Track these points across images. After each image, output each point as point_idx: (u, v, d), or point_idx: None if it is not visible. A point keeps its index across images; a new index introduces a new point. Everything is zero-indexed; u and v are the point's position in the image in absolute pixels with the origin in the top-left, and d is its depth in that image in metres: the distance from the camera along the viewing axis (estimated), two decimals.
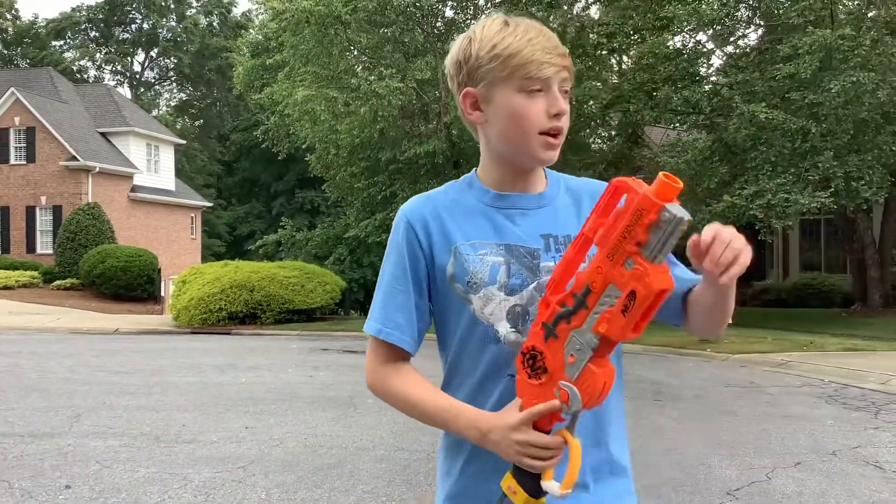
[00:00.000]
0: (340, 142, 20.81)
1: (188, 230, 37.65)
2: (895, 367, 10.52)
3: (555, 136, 1.43)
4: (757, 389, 9.32)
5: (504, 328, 1.44)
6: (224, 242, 48.60)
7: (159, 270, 27.74)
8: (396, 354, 1.50)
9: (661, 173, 1.19)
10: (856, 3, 17.15)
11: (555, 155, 1.45)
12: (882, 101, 14.88)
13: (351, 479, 5.37)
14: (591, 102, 18.56)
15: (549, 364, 1.29)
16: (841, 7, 17.07)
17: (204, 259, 37.54)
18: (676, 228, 1.18)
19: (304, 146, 23.48)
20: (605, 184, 1.48)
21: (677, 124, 19.32)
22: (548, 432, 1.31)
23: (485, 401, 1.44)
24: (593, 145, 22.67)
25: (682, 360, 12.38)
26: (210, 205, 41.98)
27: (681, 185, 1.19)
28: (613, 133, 21.53)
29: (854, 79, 14.35)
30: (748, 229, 20.12)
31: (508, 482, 1.34)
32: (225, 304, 18.39)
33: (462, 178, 1.55)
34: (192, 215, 38.06)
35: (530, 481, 1.32)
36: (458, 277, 1.45)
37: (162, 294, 27.78)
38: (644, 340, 13.98)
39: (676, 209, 1.18)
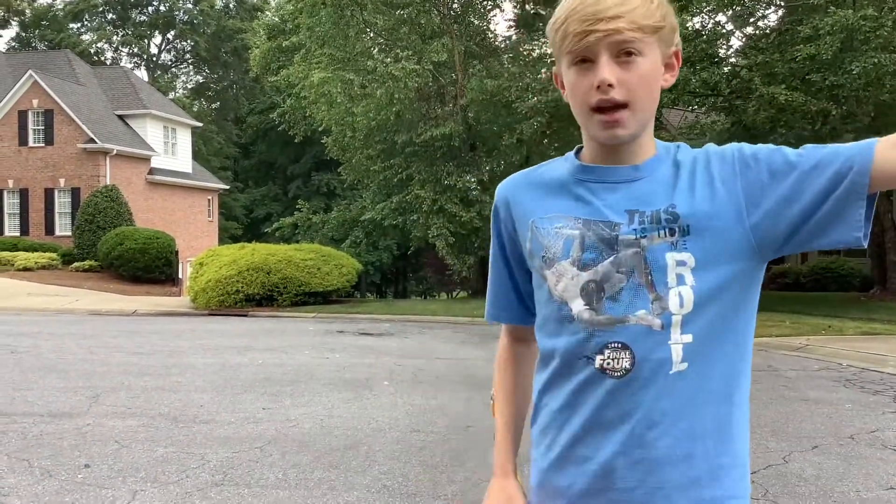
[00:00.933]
0: (356, 124, 20.81)
1: (205, 213, 37.79)
2: None
3: (606, 110, 1.30)
4: (775, 373, 9.28)
5: (578, 306, 1.35)
6: (241, 225, 48.79)
7: (177, 252, 27.89)
8: (516, 332, 1.57)
9: None
10: None
11: (620, 132, 1.31)
12: None
13: (367, 459, 5.39)
14: None
15: None
16: None
17: (221, 241, 37.72)
18: None
19: (320, 129, 23.50)
20: (710, 145, 1.42)
21: (696, 106, 19.16)
22: None
23: (562, 387, 1.38)
24: None
25: None
26: (227, 187, 42.10)
27: None
28: None
29: (875, 60, 14.17)
30: None
31: None
32: (242, 287, 18.48)
33: (565, 154, 1.47)
34: (209, 198, 38.19)
35: None
36: (535, 252, 1.41)
37: (180, 276, 27.96)
38: None
39: None
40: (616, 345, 1.31)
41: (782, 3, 18.27)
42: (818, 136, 15.30)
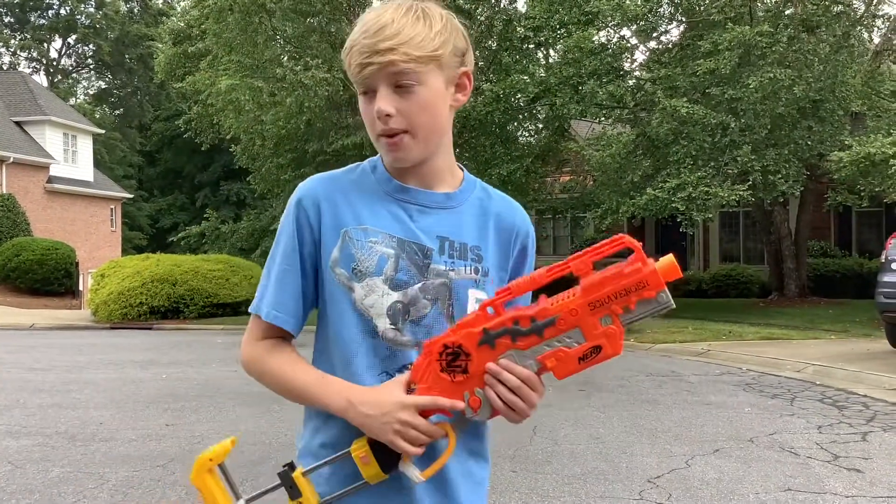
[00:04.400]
0: (266, 133, 20.49)
1: (108, 222, 36.63)
2: (810, 355, 10.88)
3: (390, 136, 1.37)
4: (678, 378, 9.52)
5: (383, 323, 1.38)
6: (146, 235, 47.46)
7: (77, 264, 26.95)
8: (278, 336, 1.45)
9: (670, 255, 1.26)
10: (773, 0, 17.62)
11: (402, 155, 1.38)
12: (798, 97, 15.34)
13: (275, 475, 5.27)
14: (519, 96, 18.66)
15: (472, 368, 1.28)
16: (759, 4, 17.52)
17: (125, 252, 36.60)
18: (661, 311, 1.24)
19: (228, 137, 23.05)
20: (517, 207, 1.53)
21: (602, 118, 19.59)
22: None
23: None
24: (521, 138, 22.82)
25: None
26: (131, 196, 40.92)
27: (681, 274, 1.26)
28: (540, 126, 21.70)
29: (771, 75, 14.75)
30: (670, 221, 20.59)
31: (362, 450, 1.32)
32: (146, 299, 17.98)
33: (368, 160, 1.49)
34: (112, 207, 37.04)
35: (387, 457, 1.31)
36: (342, 262, 1.39)
37: (80, 288, 26.99)
38: None
39: (669, 295, 1.24)
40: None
41: (683, 19, 18.86)
42: (718, 147, 15.83)
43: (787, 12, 16.94)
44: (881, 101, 17.35)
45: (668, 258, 1.25)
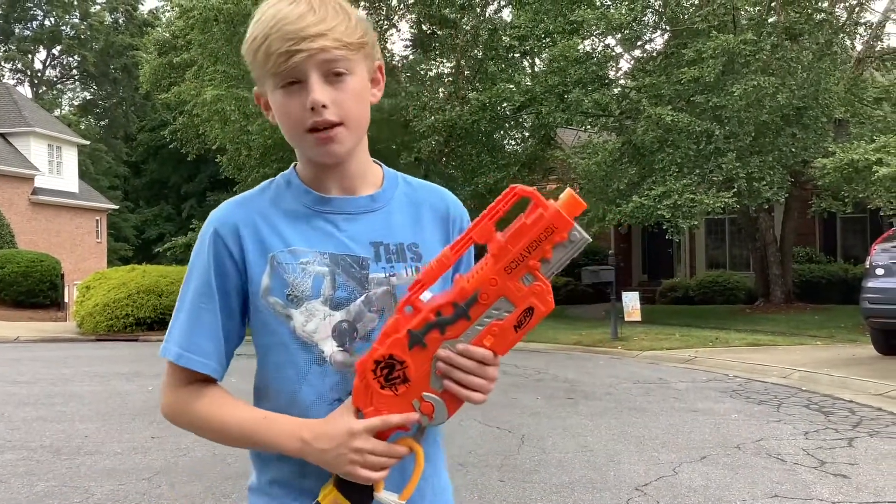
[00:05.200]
0: (252, 143, 20.46)
1: (93, 234, 36.45)
2: (796, 361, 10.93)
3: (321, 130, 1.25)
4: (665, 385, 9.54)
5: (330, 347, 1.28)
6: (132, 246, 47.20)
7: (63, 276, 26.77)
8: (201, 379, 1.33)
9: (568, 190, 1.16)
10: (757, 9, 17.75)
11: (337, 149, 1.27)
12: (782, 105, 15.46)
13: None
14: (505, 104, 18.72)
15: (411, 374, 1.19)
16: (743, 13, 17.66)
17: (110, 263, 36.41)
18: (580, 249, 1.16)
19: (214, 147, 22.99)
20: (445, 192, 1.44)
21: (588, 126, 19.68)
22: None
23: None
24: (507, 147, 22.88)
25: (594, 357, 12.58)
26: (116, 207, 40.76)
27: (586, 204, 1.16)
28: (527, 135, 21.77)
29: (755, 82, 14.86)
30: (657, 228, 20.66)
31: (331, 497, 1.22)
32: (132, 310, 17.87)
33: (280, 174, 1.38)
34: (98, 218, 36.87)
35: (358, 494, 1.22)
36: (275, 290, 1.28)
37: (66, 300, 26.81)
38: (557, 338, 14.16)
39: (582, 230, 1.15)
40: None
41: (667, 28, 18.98)
42: (703, 154, 15.91)
43: (770, 20, 17.08)
44: (864, 107, 17.50)
45: (567, 192, 1.15)
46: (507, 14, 21.05)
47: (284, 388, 1.30)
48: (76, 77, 57.37)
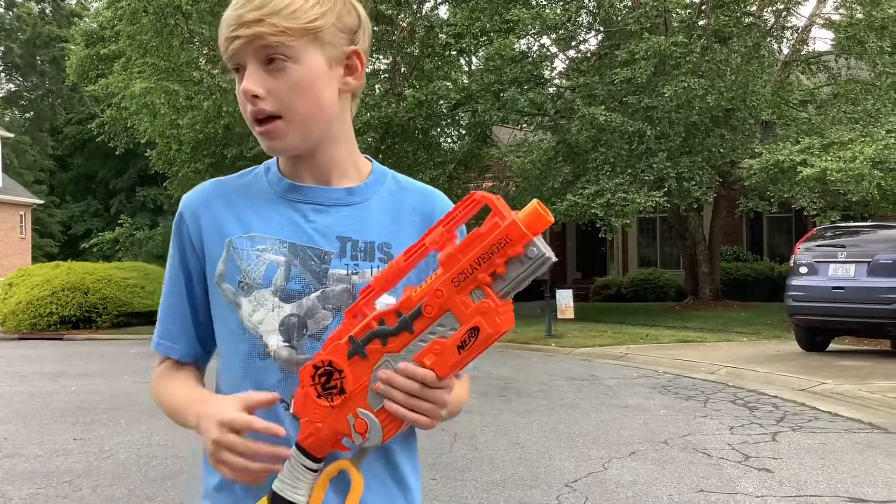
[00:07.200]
0: (183, 137, 20.05)
1: (17, 229, 35.39)
2: (723, 357, 11.16)
3: (261, 121, 1.20)
4: (597, 382, 9.64)
5: (275, 341, 1.20)
6: (57, 242, 45.87)
7: None
8: (178, 365, 1.33)
9: (535, 201, 1.03)
10: (687, 11, 18.07)
11: (276, 144, 1.22)
12: (711, 106, 15.77)
13: (188, 489, 5.13)
14: (441, 102, 18.71)
15: (348, 386, 1.08)
16: (674, 15, 17.95)
17: (35, 260, 35.38)
18: (540, 267, 1.04)
19: (143, 141, 22.47)
20: (436, 194, 1.35)
21: (524, 125, 19.79)
22: (320, 461, 1.12)
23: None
24: (444, 144, 22.88)
25: (528, 354, 12.66)
26: (41, 202, 39.64)
27: (552, 219, 1.04)
28: (463, 132, 21.80)
29: (686, 84, 15.12)
30: (590, 227, 20.89)
31: None
32: (56, 308, 17.39)
33: (265, 162, 1.34)
34: (22, 213, 35.80)
35: None
36: (228, 276, 1.24)
37: None
38: None
39: (544, 246, 1.03)
40: None
41: (601, 29, 19.20)
42: (635, 154, 16.14)
43: (700, 23, 17.41)
44: (790, 110, 17.95)
45: (532, 203, 1.03)
46: (443, 11, 21.05)
47: (229, 381, 1.25)
48: (1, 68, 55.51)
